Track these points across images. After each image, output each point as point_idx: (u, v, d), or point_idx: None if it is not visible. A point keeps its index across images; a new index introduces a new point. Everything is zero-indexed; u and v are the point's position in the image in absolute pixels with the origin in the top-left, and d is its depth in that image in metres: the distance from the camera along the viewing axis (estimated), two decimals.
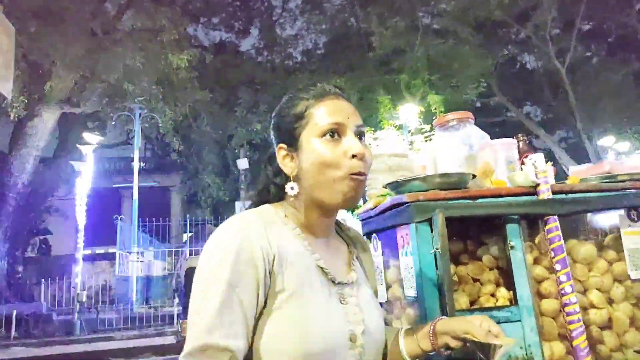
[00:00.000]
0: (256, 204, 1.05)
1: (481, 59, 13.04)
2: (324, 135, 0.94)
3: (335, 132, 0.95)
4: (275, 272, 0.89)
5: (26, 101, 11.75)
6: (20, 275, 12.59)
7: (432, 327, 1.03)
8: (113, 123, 14.13)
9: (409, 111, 12.08)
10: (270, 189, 1.05)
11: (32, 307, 10.78)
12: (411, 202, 1.36)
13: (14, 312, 9.93)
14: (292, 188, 0.97)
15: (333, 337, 0.89)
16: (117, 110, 13.39)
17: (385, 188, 1.52)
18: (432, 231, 1.35)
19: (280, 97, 1.09)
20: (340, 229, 1.14)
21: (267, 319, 0.88)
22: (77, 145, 12.85)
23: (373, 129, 12.08)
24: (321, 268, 0.95)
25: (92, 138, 13.07)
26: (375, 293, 1.13)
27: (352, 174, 0.93)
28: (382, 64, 13.90)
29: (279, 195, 1.04)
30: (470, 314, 1.24)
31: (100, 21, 11.49)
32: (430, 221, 1.35)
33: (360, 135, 0.99)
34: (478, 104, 16.39)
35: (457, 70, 13.07)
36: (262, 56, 17.33)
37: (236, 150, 15.51)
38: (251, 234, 0.90)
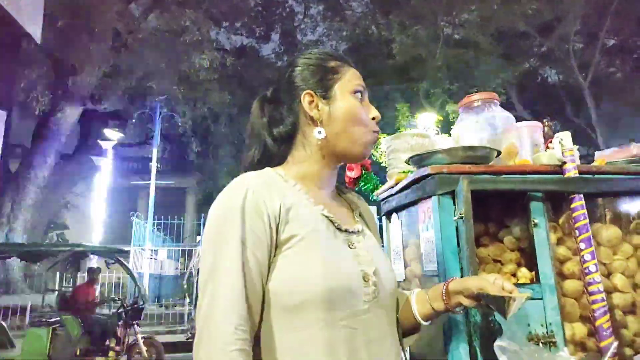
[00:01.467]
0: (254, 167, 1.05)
1: (502, 70, 12.95)
2: (355, 93, 1.04)
3: (361, 94, 1.06)
4: (282, 221, 0.91)
5: (50, 97, 12.02)
6: (37, 267, 12.76)
7: (444, 287, 1.04)
8: (133, 121, 14.35)
9: (428, 119, 12.03)
10: (269, 149, 1.06)
11: (47, 299, 10.91)
12: (435, 174, 1.35)
13: (29, 304, 10.06)
14: (319, 132, 1.01)
15: (348, 275, 0.91)
16: (137, 108, 13.60)
17: (408, 163, 1.52)
18: (454, 204, 1.34)
19: None
20: (341, 191, 1.17)
21: (279, 263, 0.89)
22: (98, 141, 13.06)
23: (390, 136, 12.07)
24: (326, 217, 0.97)
25: (112, 134, 13.28)
26: (381, 246, 1.15)
27: (374, 131, 1.06)
28: (402, 72, 13.90)
29: (278, 157, 1.05)
30: None
31: (125, 21, 11.72)
32: (453, 194, 1.34)
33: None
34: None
35: (478, 80, 13.00)
36: (282, 61, 17.45)
37: None
38: (252, 189, 0.91)
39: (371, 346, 0.91)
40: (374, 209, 1.88)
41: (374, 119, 1.06)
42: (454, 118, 12.56)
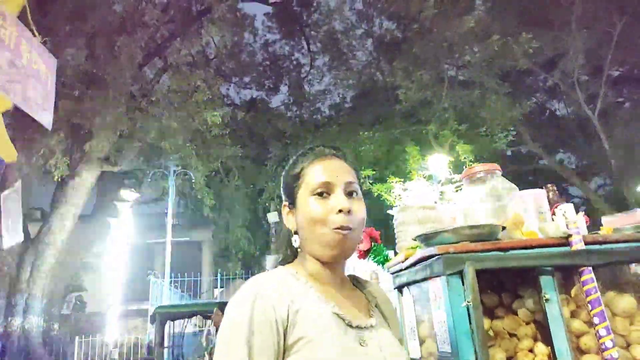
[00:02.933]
0: (283, 260, 1.11)
1: (509, 107, 13.02)
2: (314, 193, 1.03)
3: (324, 191, 1.03)
4: (290, 324, 0.92)
5: (68, 161, 12.35)
6: (55, 332, 12.71)
7: None
8: (149, 180, 14.60)
9: (438, 161, 12.06)
10: (287, 247, 1.11)
11: None
12: (441, 254, 1.37)
13: None
14: (295, 240, 1.06)
15: None
16: (152, 167, 13.88)
17: (415, 240, 1.53)
18: (463, 284, 1.34)
19: None
20: (358, 282, 1.17)
21: None
22: (114, 202, 13.28)
23: (402, 179, 12.08)
24: (336, 314, 0.97)
25: (129, 195, 13.50)
26: (400, 342, 1.12)
27: (336, 228, 0.99)
28: (409, 116, 14.05)
29: (294, 254, 1.10)
30: None
31: (139, 84, 12.16)
32: (461, 274, 1.35)
33: (350, 191, 1.05)
34: (509, 153, 16.23)
35: (485, 119, 13.07)
36: (292, 111, 17.81)
37: (267, 204, 15.68)
38: (261, 295, 0.93)
39: None
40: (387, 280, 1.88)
41: (340, 211, 1.00)
42: (464, 158, 12.58)
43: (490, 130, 13.33)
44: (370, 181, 12.93)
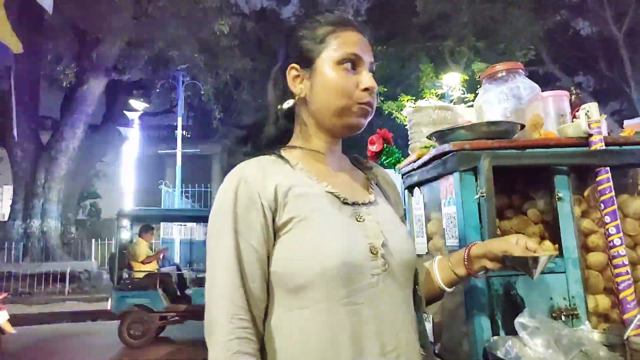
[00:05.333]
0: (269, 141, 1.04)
1: (531, 24, 12.41)
2: (341, 63, 0.96)
3: (352, 62, 0.97)
4: (279, 206, 0.90)
5: (76, 69, 12.19)
6: (72, 235, 13.29)
7: (466, 252, 1.03)
8: (157, 90, 14.46)
9: (453, 79, 11.76)
10: (275, 122, 1.03)
11: (85, 265, 11.42)
12: (456, 150, 1.35)
13: (68, 270, 10.55)
14: (287, 103, 1.01)
15: (350, 251, 0.88)
16: (160, 77, 13.68)
17: (429, 138, 1.51)
18: (476, 180, 1.33)
19: None
20: (359, 162, 1.13)
21: (278, 247, 0.90)
22: (124, 112, 13.26)
23: (414, 97, 11.85)
24: (330, 192, 0.95)
25: (137, 104, 13.45)
26: (402, 220, 1.10)
27: (360, 103, 0.96)
28: (426, 30, 13.48)
29: (281, 130, 1.03)
30: None
31: None
32: (475, 170, 1.34)
33: (371, 71, 1.00)
34: (526, 73, 15.71)
35: (505, 36, 12.52)
36: None
37: None
38: (245, 179, 0.91)
39: (381, 319, 0.90)
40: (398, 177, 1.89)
41: (366, 89, 0.96)
42: (479, 77, 12.22)
43: (509, 48, 12.81)
44: (382, 98, 12.69)
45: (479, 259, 1.02)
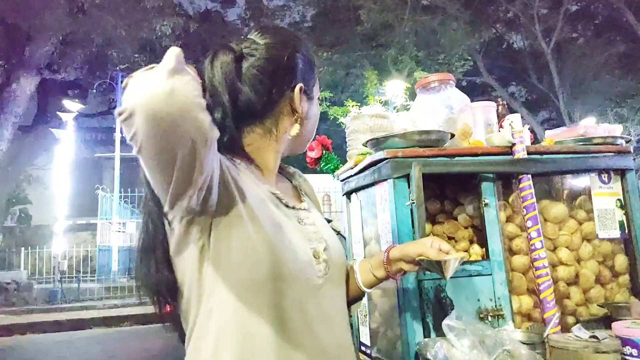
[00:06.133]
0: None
1: (468, 36, 13.00)
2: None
3: None
4: (237, 183, 0.85)
5: (4, 66, 11.45)
6: None
7: (385, 255, 1.07)
8: (94, 91, 13.85)
9: (396, 87, 12.05)
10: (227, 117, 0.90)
11: (12, 275, 10.71)
12: (390, 158, 1.39)
13: None
14: (296, 129, 1.01)
15: (299, 255, 0.89)
16: (98, 78, 13.12)
17: (365, 146, 1.54)
18: (409, 187, 1.38)
19: None
20: (281, 168, 1.12)
21: (223, 231, 0.82)
22: (58, 113, 12.60)
23: (359, 104, 12.05)
24: (274, 194, 0.95)
25: (72, 105, 12.80)
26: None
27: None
28: (370, 39, 13.75)
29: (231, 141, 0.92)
30: None
31: None
32: (408, 177, 1.38)
33: None
34: (464, 83, 16.40)
35: (445, 47, 13.02)
36: (248, 27, 17.00)
37: None
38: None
39: (324, 321, 0.91)
40: (336, 188, 1.91)
41: None
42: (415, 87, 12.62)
43: (448, 59, 13.33)
44: (327, 103, 12.80)
45: (396, 262, 1.07)
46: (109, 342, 6.82)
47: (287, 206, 0.97)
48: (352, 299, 1.14)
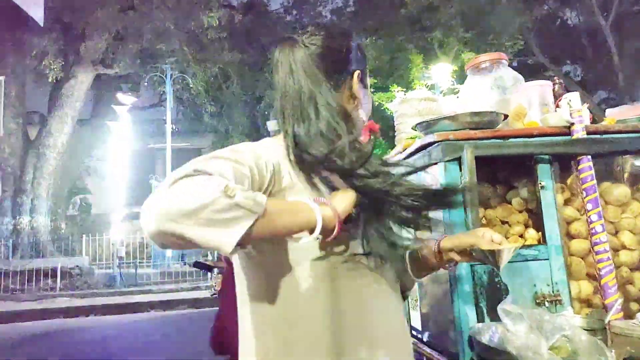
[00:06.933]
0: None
1: (519, 14, 12.45)
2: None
3: None
4: (276, 172, 0.89)
5: (63, 63, 12.03)
6: (63, 231, 13.19)
7: (437, 245, 1.06)
8: (146, 84, 14.33)
9: (442, 70, 11.76)
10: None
11: (75, 261, 11.35)
12: (441, 141, 1.36)
13: (59, 266, 10.49)
14: (361, 114, 1.02)
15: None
16: (149, 71, 13.56)
17: (415, 129, 1.52)
18: (461, 170, 1.35)
19: None
20: None
21: None
22: (112, 106, 13.13)
23: (404, 89, 11.85)
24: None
25: (125, 99, 13.32)
26: None
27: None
28: (415, 22, 13.44)
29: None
30: None
31: None
32: (459, 160, 1.35)
33: None
34: (515, 64, 15.76)
35: (493, 27, 12.54)
36: (291, 15, 17.03)
37: (266, 112, 15.52)
38: (256, 147, 0.91)
39: (376, 306, 0.94)
40: None
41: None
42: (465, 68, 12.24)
43: (498, 39, 12.84)
44: (372, 90, 12.67)
45: (447, 252, 1.05)
46: (166, 325, 7.11)
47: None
48: (404, 288, 1.14)
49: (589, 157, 1.37)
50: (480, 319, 1.30)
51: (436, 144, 1.39)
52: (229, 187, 0.72)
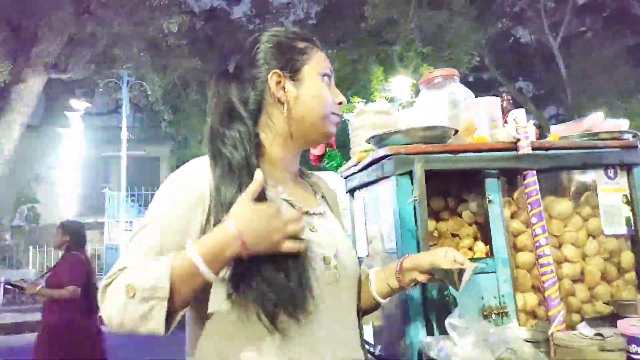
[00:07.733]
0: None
1: (475, 31, 12.91)
2: (323, 76, 1.03)
3: (328, 77, 1.05)
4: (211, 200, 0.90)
5: (12, 66, 11.51)
6: (7, 242, 12.55)
7: (399, 265, 1.07)
8: (100, 90, 13.91)
9: (401, 83, 12.01)
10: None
11: (21, 274, 10.80)
12: (392, 154, 1.37)
13: (2, 279, 9.95)
14: (283, 113, 1.00)
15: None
16: (104, 77, 13.17)
17: (368, 142, 1.53)
18: (412, 184, 1.36)
19: None
20: (303, 174, 1.15)
21: None
22: (65, 112, 12.67)
23: (364, 100, 12.01)
24: (285, 200, 0.96)
25: (79, 104, 12.88)
26: (343, 228, 1.14)
27: (335, 114, 1.05)
28: (375, 35, 13.71)
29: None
30: None
31: None
32: (411, 174, 1.37)
33: None
34: (471, 78, 16.30)
35: (451, 43, 12.94)
36: (254, 24, 17.00)
37: None
38: (193, 176, 0.92)
39: (331, 327, 0.92)
40: (340, 186, 1.90)
41: (340, 103, 1.05)
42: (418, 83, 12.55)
43: (454, 55, 13.25)
44: None
45: (410, 272, 1.06)
46: (124, 337, 6.84)
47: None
48: (368, 309, 1.14)
49: (534, 172, 1.41)
50: (430, 333, 1.30)
51: (388, 158, 1.40)
52: (129, 288, 0.78)
